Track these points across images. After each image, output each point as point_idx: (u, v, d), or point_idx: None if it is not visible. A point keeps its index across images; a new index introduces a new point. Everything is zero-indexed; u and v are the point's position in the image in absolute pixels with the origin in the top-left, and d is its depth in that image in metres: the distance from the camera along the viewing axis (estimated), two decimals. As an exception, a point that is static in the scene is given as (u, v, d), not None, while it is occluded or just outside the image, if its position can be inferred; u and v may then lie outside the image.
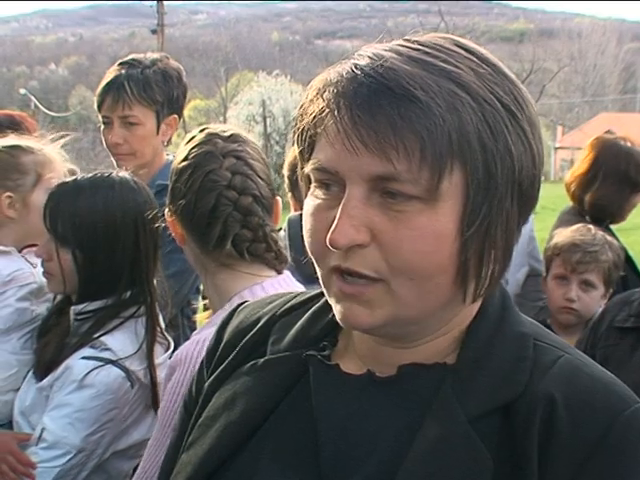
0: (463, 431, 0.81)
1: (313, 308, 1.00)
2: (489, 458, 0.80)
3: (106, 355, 1.84)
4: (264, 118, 28.88)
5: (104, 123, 2.75)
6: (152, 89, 2.69)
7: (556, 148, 45.08)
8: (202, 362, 1.08)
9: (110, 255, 1.90)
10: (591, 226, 2.75)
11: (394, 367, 0.89)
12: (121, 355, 1.85)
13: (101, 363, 1.82)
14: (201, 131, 1.67)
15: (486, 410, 0.82)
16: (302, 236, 0.87)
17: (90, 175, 1.96)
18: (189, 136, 1.68)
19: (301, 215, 0.88)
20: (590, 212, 3.04)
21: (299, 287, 1.69)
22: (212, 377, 1.02)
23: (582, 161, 3.08)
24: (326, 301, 0.93)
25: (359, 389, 0.90)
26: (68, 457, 1.79)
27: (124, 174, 1.99)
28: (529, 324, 0.92)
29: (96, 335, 1.87)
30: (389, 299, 0.82)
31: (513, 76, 0.85)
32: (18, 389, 2.01)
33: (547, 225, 3.23)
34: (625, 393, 0.85)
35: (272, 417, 0.93)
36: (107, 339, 1.86)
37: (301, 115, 0.86)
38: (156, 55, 2.85)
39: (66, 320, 1.98)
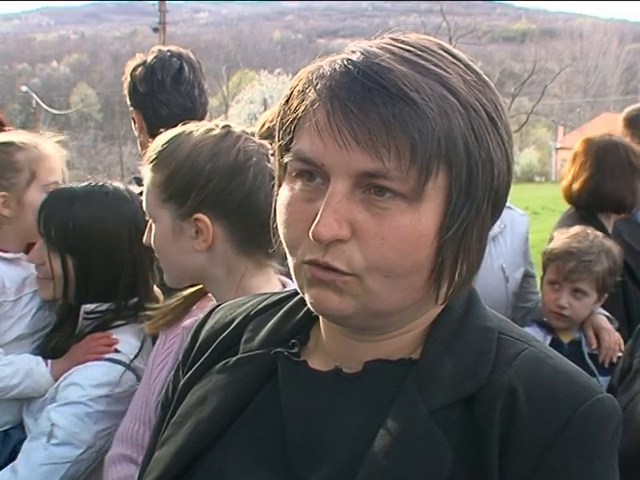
0: (424, 424, 0.82)
1: (285, 307, 1.00)
2: (448, 450, 0.81)
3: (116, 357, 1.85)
4: (265, 117, 28.82)
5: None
6: None
7: (557, 148, 44.99)
8: (178, 363, 1.09)
9: (106, 261, 1.91)
10: (590, 230, 2.70)
11: (360, 363, 0.90)
12: (130, 356, 1.87)
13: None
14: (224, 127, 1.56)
15: (448, 402, 0.83)
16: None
17: (85, 184, 1.98)
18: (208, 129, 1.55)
19: None
20: (610, 207, 3.01)
21: None
22: (186, 376, 1.03)
23: (580, 168, 3.04)
24: (298, 300, 0.96)
25: (326, 385, 0.91)
26: (79, 451, 1.79)
27: (118, 184, 2.01)
28: (494, 318, 0.92)
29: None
30: (360, 291, 0.83)
31: (492, 84, 0.87)
32: None
33: (548, 225, 3.21)
34: (588, 384, 0.85)
35: (243, 414, 0.94)
36: None
37: (287, 104, 0.86)
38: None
39: (70, 323, 2.00)
